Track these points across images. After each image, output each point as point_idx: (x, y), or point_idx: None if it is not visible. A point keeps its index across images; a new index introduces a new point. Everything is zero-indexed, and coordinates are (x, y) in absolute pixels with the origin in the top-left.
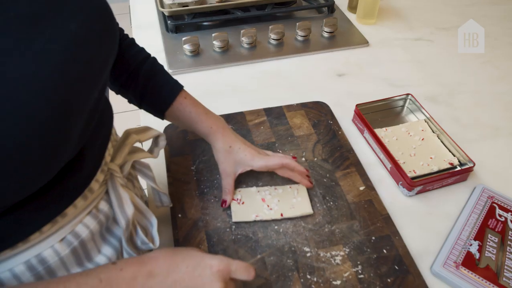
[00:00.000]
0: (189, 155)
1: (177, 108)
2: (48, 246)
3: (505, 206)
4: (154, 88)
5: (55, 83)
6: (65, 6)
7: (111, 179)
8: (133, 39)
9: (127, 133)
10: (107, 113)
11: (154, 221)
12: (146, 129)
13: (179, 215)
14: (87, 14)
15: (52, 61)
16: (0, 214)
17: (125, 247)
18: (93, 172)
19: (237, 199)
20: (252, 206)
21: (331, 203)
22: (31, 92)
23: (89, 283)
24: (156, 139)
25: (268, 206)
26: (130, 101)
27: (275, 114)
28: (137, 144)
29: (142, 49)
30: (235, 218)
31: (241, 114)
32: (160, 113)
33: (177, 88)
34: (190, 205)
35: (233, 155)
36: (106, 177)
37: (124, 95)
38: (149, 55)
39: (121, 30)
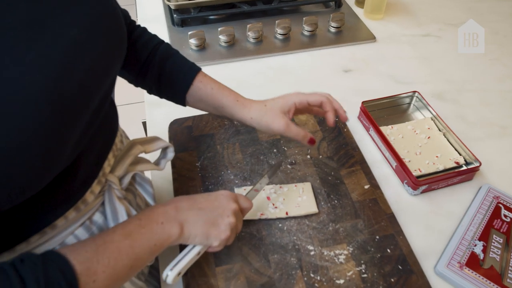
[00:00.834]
0: (194, 151)
1: (198, 87)
2: None
3: (511, 206)
4: (171, 71)
5: (51, 89)
6: (66, 12)
7: (108, 191)
8: (144, 28)
9: (132, 143)
10: (110, 121)
11: None
12: (153, 139)
13: None
14: (91, 19)
15: (51, 67)
16: None
17: None
18: (87, 183)
19: None
20: (257, 204)
21: (336, 201)
22: (26, 97)
23: (132, 222)
24: (164, 150)
25: (273, 204)
26: (149, 91)
27: None
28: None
29: (155, 36)
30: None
31: None
32: (181, 96)
33: (195, 68)
34: None
35: (273, 107)
36: (103, 188)
37: (142, 84)
38: (162, 41)
39: (133, 22)
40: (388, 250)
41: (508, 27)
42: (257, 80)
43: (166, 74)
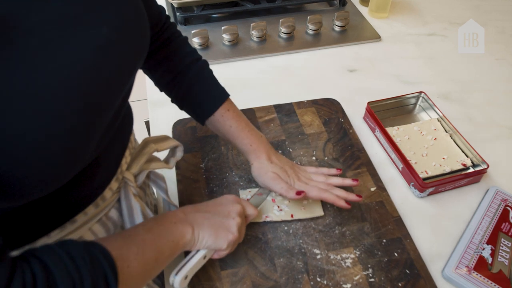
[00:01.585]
0: (198, 152)
1: (217, 120)
2: None
3: None
4: (197, 94)
5: (82, 87)
6: (98, 10)
7: (124, 187)
8: (186, 38)
9: (146, 142)
10: (127, 120)
11: None
12: (164, 138)
13: None
14: (120, 19)
15: (83, 65)
16: (11, 216)
17: None
18: (107, 180)
19: (247, 199)
20: (262, 206)
21: None
22: (59, 94)
23: (150, 220)
24: (173, 149)
25: (278, 207)
26: (172, 101)
27: (285, 111)
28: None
29: (194, 50)
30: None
31: (251, 111)
32: (200, 120)
33: (221, 97)
34: None
35: (274, 169)
36: (120, 185)
37: (167, 94)
38: (200, 57)
39: (173, 25)
40: (395, 254)
41: None
42: (261, 80)
43: (192, 95)
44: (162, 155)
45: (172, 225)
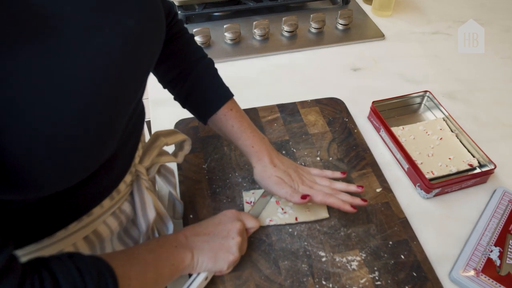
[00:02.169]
0: (200, 153)
1: (219, 119)
2: (71, 243)
3: None
4: (200, 92)
5: (113, 77)
6: (124, 2)
7: (137, 181)
8: (192, 35)
9: (156, 136)
10: (141, 114)
11: (171, 226)
12: (173, 132)
13: (191, 216)
14: (144, 11)
15: (114, 54)
16: (31, 208)
17: None
18: (122, 173)
19: (251, 201)
20: (266, 209)
21: None
22: (92, 82)
23: (152, 241)
24: (181, 144)
25: (282, 209)
26: (175, 98)
27: (288, 111)
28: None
29: (200, 48)
30: None
31: (254, 110)
32: (202, 119)
33: (225, 97)
34: (202, 205)
35: (277, 173)
36: (132, 178)
37: (170, 90)
38: (206, 55)
39: (181, 21)
40: (402, 256)
41: None
42: (264, 79)
43: (195, 94)
44: (168, 150)
45: (173, 249)
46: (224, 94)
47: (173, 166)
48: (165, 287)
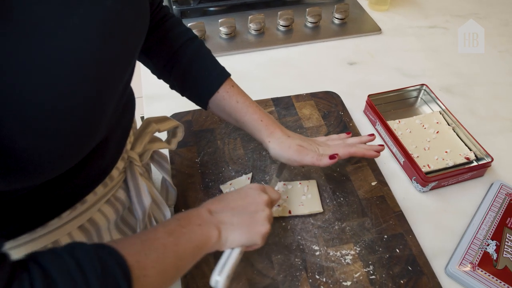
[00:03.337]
0: (193, 147)
1: (222, 97)
2: (66, 232)
3: None
4: (198, 72)
5: (94, 56)
6: None
7: (130, 167)
8: (179, 19)
9: (148, 122)
10: (131, 99)
11: (168, 213)
12: (165, 118)
13: (182, 210)
14: None
15: (93, 33)
16: (23, 198)
17: None
18: (115, 159)
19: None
20: None
21: (342, 199)
22: (73, 62)
23: (172, 222)
24: (174, 130)
25: None
26: (172, 86)
27: (283, 104)
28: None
29: (188, 29)
30: None
31: None
32: (203, 101)
33: (224, 74)
34: (194, 199)
35: (295, 141)
36: (125, 165)
37: (166, 78)
38: (196, 36)
39: (166, 7)
40: (397, 250)
41: None
42: (259, 73)
43: (192, 74)
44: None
45: (197, 228)
46: (222, 72)
47: (154, 169)
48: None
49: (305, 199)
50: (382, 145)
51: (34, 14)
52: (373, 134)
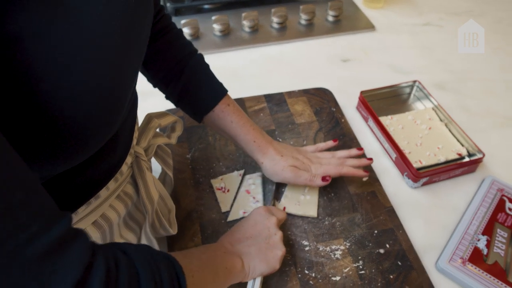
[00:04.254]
0: (185, 143)
1: (217, 116)
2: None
3: None
4: (195, 88)
5: (119, 42)
6: None
7: (136, 162)
8: (181, 30)
9: (149, 117)
10: (136, 95)
11: (173, 207)
12: (165, 114)
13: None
14: None
15: (118, 20)
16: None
17: (148, 232)
18: (124, 154)
19: (221, 187)
20: (238, 201)
21: (332, 194)
22: (100, 45)
23: (200, 247)
24: (173, 125)
25: (254, 198)
26: (167, 98)
27: (275, 101)
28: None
29: (189, 43)
30: (230, 217)
31: (240, 100)
32: (198, 117)
33: (221, 92)
34: (184, 195)
35: (287, 161)
36: (132, 160)
37: (162, 89)
38: (196, 50)
39: (168, 16)
40: (387, 245)
41: None
42: (253, 70)
43: (189, 90)
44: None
45: (223, 255)
46: (219, 90)
47: (152, 161)
48: None
49: (303, 199)
50: (371, 159)
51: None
52: (361, 148)
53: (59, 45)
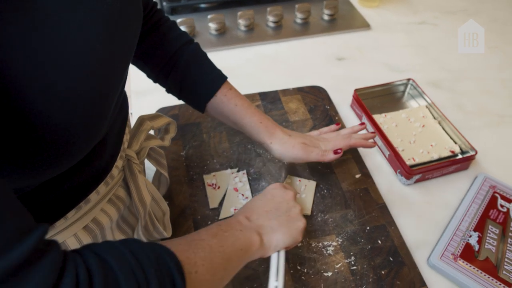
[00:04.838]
0: (179, 140)
1: (220, 100)
2: (72, 233)
3: (508, 196)
4: (195, 76)
5: (100, 50)
6: None
7: (128, 165)
8: (174, 22)
9: (141, 120)
10: (125, 98)
11: (167, 209)
12: (157, 116)
13: (166, 202)
14: None
15: (98, 28)
16: (30, 196)
17: (140, 235)
18: (113, 157)
19: (212, 184)
20: (228, 199)
21: (325, 191)
22: (80, 56)
23: (213, 227)
24: (166, 127)
25: (242, 195)
26: (168, 90)
27: (270, 99)
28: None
29: (184, 33)
30: (222, 215)
31: None
32: (201, 104)
33: (221, 78)
34: (178, 192)
35: (297, 139)
36: (123, 163)
37: (162, 82)
38: (192, 39)
39: (161, 11)
40: (379, 241)
41: (508, 15)
42: (248, 69)
43: (190, 78)
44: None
45: (239, 233)
46: (219, 75)
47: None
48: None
49: (298, 197)
50: (374, 132)
51: (47, 4)
52: (363, 123)
53: (37, 54)
